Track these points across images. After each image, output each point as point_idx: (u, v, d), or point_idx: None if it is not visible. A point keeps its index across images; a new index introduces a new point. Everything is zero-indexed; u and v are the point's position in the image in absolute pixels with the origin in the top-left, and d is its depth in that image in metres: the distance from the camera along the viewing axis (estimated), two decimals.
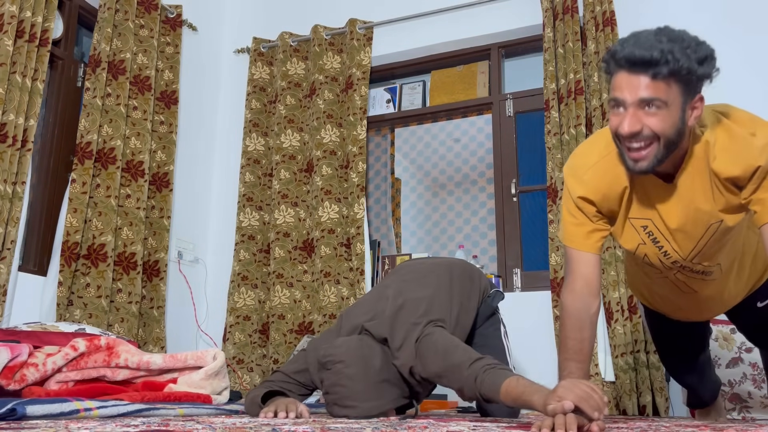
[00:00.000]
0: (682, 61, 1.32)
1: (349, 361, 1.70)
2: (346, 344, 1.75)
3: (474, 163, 4.98)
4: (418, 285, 1.95)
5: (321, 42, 3.86)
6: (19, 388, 1.95)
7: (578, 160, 1.61)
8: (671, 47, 1.32)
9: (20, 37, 2.71)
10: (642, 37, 1.36)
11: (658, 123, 1.36)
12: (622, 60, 1.36)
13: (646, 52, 1.32)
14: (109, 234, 3.06)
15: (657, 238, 1.57)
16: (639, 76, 1.34)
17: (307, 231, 3.68)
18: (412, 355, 1.73)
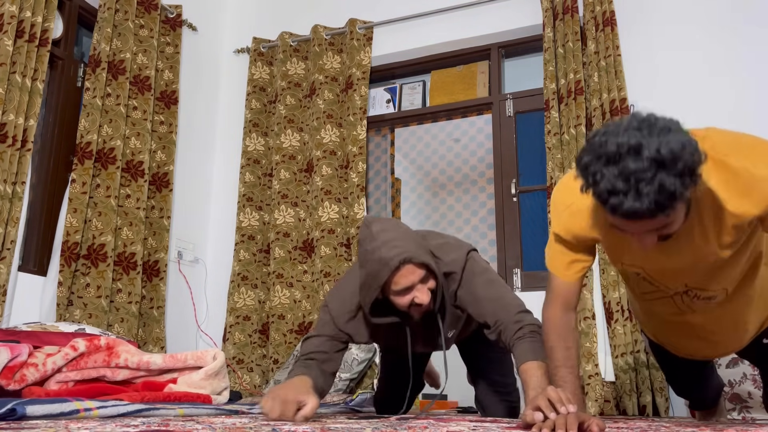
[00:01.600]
0: (677, 190, 1.17)
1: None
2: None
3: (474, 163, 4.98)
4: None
5: (321, 42, 3.86)
6: (19, 388, 1.95)
7: (558, 195, 1.57)
8: (664, 182, 1.15)
9: (20, 37, 2.71)
10: (633, 179, 1.16)
11: (669, 231, 1.29)
12: (619, 214, 1.21)
13: (640, 204, 1.17)
14: (109, 234, 3.06)
15: (651, 280, 1.59)
16: (638, 222, 1.23)
17: (307, 231, 3.67)
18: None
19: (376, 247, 1.69)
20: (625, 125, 1.20)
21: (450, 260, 1.86)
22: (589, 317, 2.91)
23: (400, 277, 1.68)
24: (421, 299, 1.71)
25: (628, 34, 3.22)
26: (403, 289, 1.70)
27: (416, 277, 1.69)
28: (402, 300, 1.73)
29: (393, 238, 1.70)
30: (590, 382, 2.85)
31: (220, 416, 1.81)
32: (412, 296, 1.71)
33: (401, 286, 1.69)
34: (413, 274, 1.69)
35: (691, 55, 3.13)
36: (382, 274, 1.67)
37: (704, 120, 3.21)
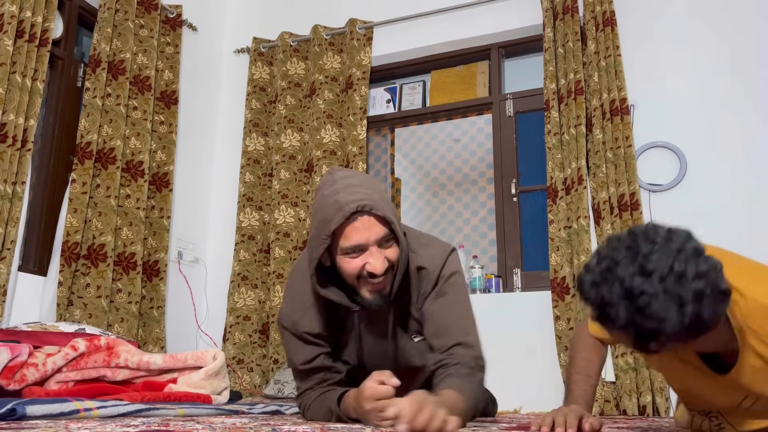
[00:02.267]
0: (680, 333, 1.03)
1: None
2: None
3: (474, 163, 4.98)
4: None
5: (321, 42, 3.86)
6: (19, 388, 1.95)
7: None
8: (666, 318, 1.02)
9: (20, 37, 2.70)
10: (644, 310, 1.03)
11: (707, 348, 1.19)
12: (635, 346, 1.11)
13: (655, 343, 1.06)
14: (109, 234, 3.06)
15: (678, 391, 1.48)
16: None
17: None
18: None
19: (333, 191, 1.41)
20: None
21: (427, 255, 1.58)
22: None
23: (353, 229, 1.39)
24: (374, 266, 1.41)
25: (628, 34, 3.22)
26: (355, 246, 1.40)
27: (372, 235, 1.40)
28: (351, 264, 1.42)
29: (357, 184, 1.42)
30: None
31: (220, 416, 1.81)
32: (364, 261, 1.41)
33: (353, 241, 1.40)
34: (369, 230, 1.40)
35: (692, 55, 3.13)
36: (334, 220, 1.38)
37: (705, 120, 3.22)
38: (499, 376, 3.14)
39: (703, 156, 3.01)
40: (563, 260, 3.06)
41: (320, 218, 1.42)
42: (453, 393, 1.34)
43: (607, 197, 3.01)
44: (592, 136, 3.13)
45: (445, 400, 1.26)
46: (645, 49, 3.21)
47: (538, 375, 3.07)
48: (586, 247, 2.99)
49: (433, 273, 1.56)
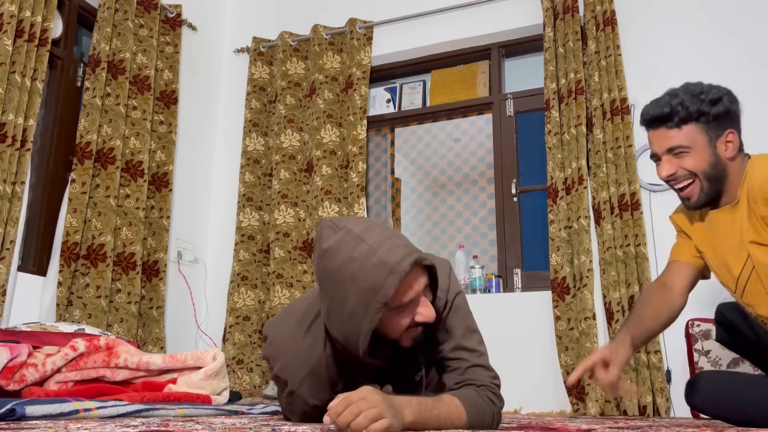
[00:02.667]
0: (691, 108, 1.52)
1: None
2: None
3: (474, 163, 4.98)
4: None
5: (321, 42, 3.86)
6: (18, 388, 1.95)
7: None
8: (682, 99, 1.54)
9: (20, 36, 2.70)
10: (661, 98, 1.60)
11: (689, 162, 1.55)
12: (644, 122, 1.62)
13: (657, 110, 1.57)
14: (108, 234, 3.05)
15: (712, 268, 1.71)
16: (658, 131, 1.58)
17: (307, 231, 3.67)
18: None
19: (367, 252, 1.22)
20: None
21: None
22: (589, 317, 2.91)
23: (406, 287, 1.24)
24: (425, 316, 1.28)
25: (628, 33, 3.22)
26: (408, 302, 1.26)
27: (422, 286, 1.28)
28: (402, 321, 1.28)
29: (386, 236, 1.26)
30: (590, 383, 2.85)
31: (219, 416, 1.81)
32: (412, 315, 1.28)
33: (407, 298, 1.25)
34: (419, 282, 1.27)
35: (693, 55, 3.13)
36: (387, 284, 1.20)
37: None
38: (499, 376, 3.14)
39: None
40: (563, 260, 3.06)
41: (364, 286, 1.20)
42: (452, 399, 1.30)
43: (607, 197, 3.01)
44: (593, 136, 3.13)
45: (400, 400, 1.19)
46: (645, 48, 3.20)
47: (538, 375, 3.07)
48: (587, 247, 2.99)
49: (441, 299, 1.43)
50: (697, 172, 1.56)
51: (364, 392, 1.12)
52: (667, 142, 1.56)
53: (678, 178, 1.58)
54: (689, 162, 1.55)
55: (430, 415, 1.23)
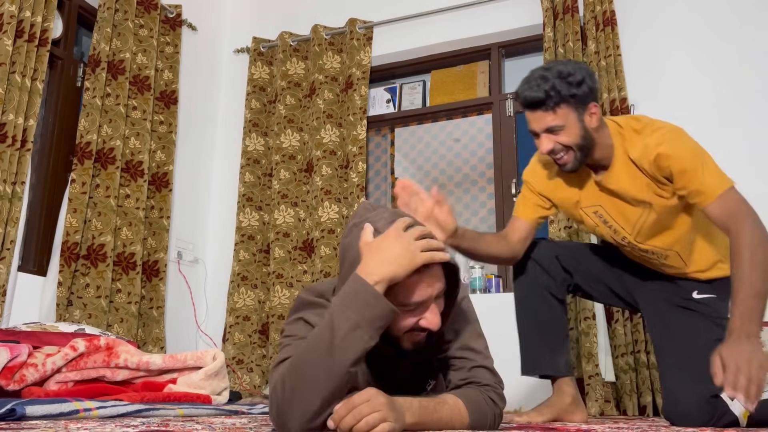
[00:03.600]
0: (562, 92, 1.76)
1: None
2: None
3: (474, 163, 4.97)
4: None
5: (321, 42, 3.86)
6: (18, 388, 1.95)
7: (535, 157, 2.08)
8: (553, 83, 1.76)
9: (20, 36, 2.70)
10: (531, 79, 1.80)
11: (564, 139, 1.81)
12: (522, 103, 1.83)
13: (532, 94, 1.78)
14: (108, 234, 3.05)
15: (606, 219, 1.95)
16: (536, 112, 1.81)
17: (307, 231, 3.67)
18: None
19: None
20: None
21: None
22: (589, 317, 2.91)
23: (418, 283, 1.19)
24: (431, 322, 1.22)
25: (628, 33, 3.22)
26: (419, 303, 1.21)
27: (435, 291, 1.22)
28: (408, 320, 1.23)
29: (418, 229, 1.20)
30: (590, 383, 2.85)
31: (219, 416, 1.81)
32: (419, 317, 1.22)
33: (419, 297, 1.20)
34: (433, 285, 1.21)
35: (693, 54, 3.13)
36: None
37: (706, 120, 3.22)
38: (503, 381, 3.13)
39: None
40: None
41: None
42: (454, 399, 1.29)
43: None
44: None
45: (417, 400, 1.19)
46: (645, 48, 3.20)
47: None
48: None
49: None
50: (571, 145, 1.82)
51: (367, 394, 1.10)
52: (545, 123, 1.80)
53: (556, 151, 1.84)
54: (564, 137, 1.81)
55: (432, 418, 1.23)
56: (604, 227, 1.97)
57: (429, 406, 1.23)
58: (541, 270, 2.07)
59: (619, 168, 1.85)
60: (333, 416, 1.09)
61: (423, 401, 1.23)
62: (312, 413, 1.13)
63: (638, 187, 1.83)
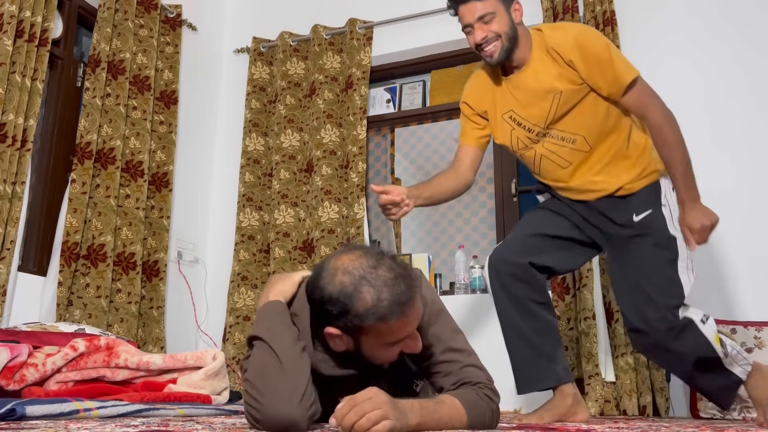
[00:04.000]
0: None
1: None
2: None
3: None
4: None
5: (321, 42, 3.86)
6: (18, 388, 1.95)
7: (467, 82, 2.28)
8: None
9: (20, 36, 2.70)
10: None
11: (495, 26, 1.99)
12: (454, 1, 2.05)
13: None
14: (108, 234, 3.05)
15: (519, 120, 2.10)
16: (468, 5, 2.01)
17: (307, 231, 3.67)
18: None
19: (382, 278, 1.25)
20: None
21: None
22: (589, 317, 2.91)
23: (404, 323, 1.26)
24: (413, 348, 1.31)
25: (628, 33, 3.21)
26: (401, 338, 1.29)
27: (416, 324, 1.31)
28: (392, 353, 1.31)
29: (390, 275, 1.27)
30: (590, 383, 2.85)
31: (219, 416, 1.81)
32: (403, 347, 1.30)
33: (401, 335, 1.28)
34: (414, 321, 1.29)
35: (692, 54, 3.13)
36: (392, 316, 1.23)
37: (706, 119, 3.22)
38: (499, 376, 3.13)
39: (704, 154, 3.00)
40: None
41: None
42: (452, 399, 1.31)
43: None
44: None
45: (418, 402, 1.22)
46: (645, 48, 3.20)
47: None
48: None
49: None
50: (501, 33, 1.98)
51: (369, 393, 1.12)
52: (478, 12, 1.99)
53: (488, 41, 1.99)
54: (495, 25, 1.98)
55: (432, 418, 1.24)
56: (519, 129, 2.12)
57: (429, 407, 1.24)
58: (512, 280, 2.12)
59: (535, 63, 2.02)
60: (335, 413, 1.10)
61: (423, 402, 1.24)
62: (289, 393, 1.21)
63: (552, 76, 2.00)
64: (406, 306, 1.23)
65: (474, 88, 2.23)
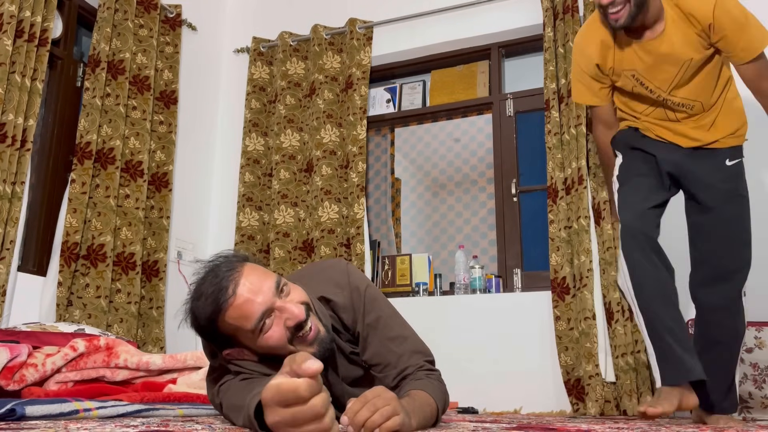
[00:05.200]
0: None
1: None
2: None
3: (474, 163, 4.97)
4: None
5: (321, 42, 3.86)
6: (18, 388, 1.94)
7: (579, 38, 2.25)
8: None
9: (19, 36, 2.70)
10: None
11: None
12: None
13: None
14: (108, 234, 3.05)
15: (642, 81, 2.13)
16: None
17: (306, 231, 3.67)
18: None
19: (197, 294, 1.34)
20: None
21: (324, 278, 1.49)
22: (589, 317, 2.91)
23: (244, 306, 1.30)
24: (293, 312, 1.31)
25: None
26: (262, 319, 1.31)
27: (265, 297, 1.32)
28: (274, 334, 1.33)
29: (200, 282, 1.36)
30: (590, 383, 2.85)
31: (219, 416, 1.81)
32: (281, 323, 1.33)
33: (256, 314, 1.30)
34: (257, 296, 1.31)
35: None
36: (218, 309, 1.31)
37: None
38: (499, 376, 3.14)
39: None
40: (563, 260, 3.06)
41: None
42: (421, 393, 1.33)
43: (607, 197, 3.01)
44: (593, 136, 3.13)
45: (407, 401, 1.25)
46: None
47: (538, 375, 3.07)
48: (587, 247, 2.99)
49: (338, 295, 1.45)
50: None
51: (378, 390, 1.14)
52: None
53: (615, 3, 1.98)
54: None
55: (423, 416, 1.28)
56: (640, 87, 2.15)
57: (414, 404, 1.27)
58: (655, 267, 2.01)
59: (670, 29, 2.02)
60: (347, 412, 1.10)
61: (408, 401, 1.26)
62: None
63: (687, 45, 2.01)
64: (223, 291, 1.26)
65: (596, 46, 2.18)
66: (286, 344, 1.31)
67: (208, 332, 1.35)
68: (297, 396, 0.91)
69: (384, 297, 1.52)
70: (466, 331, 3.23)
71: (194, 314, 1.32)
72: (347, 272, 1.49)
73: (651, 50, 2.07)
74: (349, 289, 1.46)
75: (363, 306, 1.45)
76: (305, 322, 1.30)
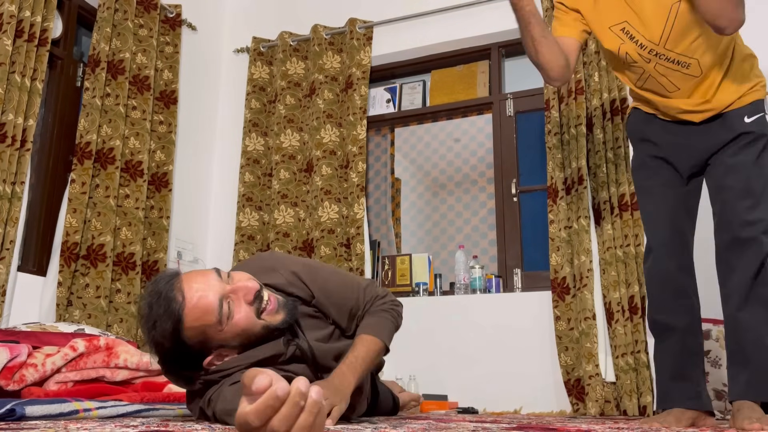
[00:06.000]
0: None
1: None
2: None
3: (474, 163, 4.97)
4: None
5: (321, 42, 3.86)
6: (18, 388, 1.94)
7: None
8: None
9: (19, 36, 2.70)
10: None
11: None
12: None
13: None
14: (108, 234, 3.05)
15: (632, 34, 1.97)
16: None
17: (306, 231, 3.67)
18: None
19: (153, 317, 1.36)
20: None
21: (268, 266, 1.58)
22: (589, 317, 2.91)
23: (195, 298, 1.37)
24: (247, 286, 1.40)
25: None
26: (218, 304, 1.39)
27: (213, 284, 1.40)
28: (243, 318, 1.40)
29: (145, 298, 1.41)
30: (590, 383, 2.85)
31: None
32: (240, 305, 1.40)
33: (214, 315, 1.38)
34: (207, 282, 1.39)
35: None
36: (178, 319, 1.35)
37: None
38: (499, 376, 3.14)
39: None
40: (563, 260, 3.06)
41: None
42: (365, 339, 1.45)
43: (607, 197, 3.01)
44: (593, 136, 3.13)
45: (334, 377, 1.34)
46: None
47: (538, 375, 3.07)
48: (587, 247, 2.99)
49: (281, 276, 1.52)
50: None
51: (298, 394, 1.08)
52: None
53: None
54: None
55: (362, 367, 1.39)
56: (630, 43, 1.98)
57: (353, 361, 1.39)
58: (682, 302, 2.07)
59: None
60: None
61: (346, 362, 1.38)
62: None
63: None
64: (172, 301, 1.29)
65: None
66: (255, 320, 1.35)
67: (178, 352, 1.33)
68: (250, 427, 0.82)
69: (315, 261, 1.64)
70: (466, 331, 3.23)
71: (157, 341, 1.32)
72: (274, 257, 1.58)
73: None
74: (285, 269, 1.53)
75: (307, 276, 1.54)
76: (261, 290, 1.36)
